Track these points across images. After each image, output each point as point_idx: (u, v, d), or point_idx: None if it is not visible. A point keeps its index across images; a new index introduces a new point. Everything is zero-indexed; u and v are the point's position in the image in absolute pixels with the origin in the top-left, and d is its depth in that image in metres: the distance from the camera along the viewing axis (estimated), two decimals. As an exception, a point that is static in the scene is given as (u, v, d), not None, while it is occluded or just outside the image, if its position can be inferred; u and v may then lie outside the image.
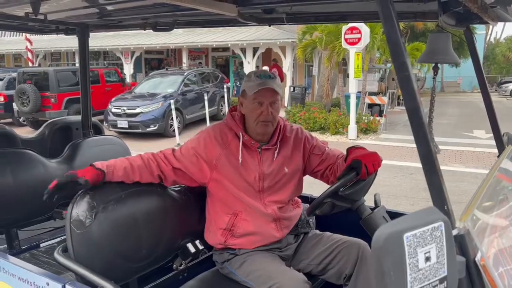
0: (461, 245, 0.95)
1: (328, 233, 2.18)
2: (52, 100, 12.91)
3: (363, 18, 2.39)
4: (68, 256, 1.69)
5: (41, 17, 2.58)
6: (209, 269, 2.19)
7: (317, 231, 2.23)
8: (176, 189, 2.14)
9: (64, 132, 3.31)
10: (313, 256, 2.10)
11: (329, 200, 1.85)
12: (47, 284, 1.56)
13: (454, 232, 0.94)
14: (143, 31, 3.05)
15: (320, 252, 2.09)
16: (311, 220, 2.22)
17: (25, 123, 13.62)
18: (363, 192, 1.91)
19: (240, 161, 2.00)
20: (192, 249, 2.11)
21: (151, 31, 2.99)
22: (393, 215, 1.91)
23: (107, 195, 1.80)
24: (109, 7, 2.62)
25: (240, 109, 2.09)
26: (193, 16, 2.66)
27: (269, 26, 2.65)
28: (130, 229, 1.85)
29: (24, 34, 18.08)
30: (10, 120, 14.13)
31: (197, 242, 2.14)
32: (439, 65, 2.25)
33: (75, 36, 3.18)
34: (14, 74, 14.06)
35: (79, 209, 1.71)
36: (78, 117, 3.28)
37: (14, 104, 13.25)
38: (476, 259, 0.97)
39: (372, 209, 1.87)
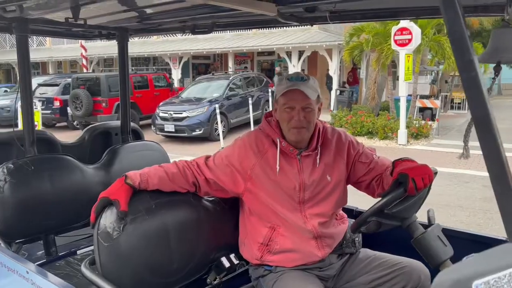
0: (546, 291, 0.75)
1: (381, 253, 1.98)
2: (103, 104, 13.39)
3: (416, 14, 2.17)
4: (95, 269, 1.62)
5: (81, 22, 2.57)
6: (245, 284, 2.06)
7: (368, 250, 2.03)
8: (210, 199, 2.03)
9: (103, 137, 3.32)
10: (362, 278, 1.92)
11: (374, 219, 1.66)
12: (72, 299, 1.49)
13: (537, 274, 0.74)
14: (190, 36, 2.99)
15: (371, 274, 1.90)
16: (357, 239, 2.02)
17: (78, 126, 14.21)
18: (414, 209, 1.70)
19: (277, 170, 1.86)
20: (226, 263, 1.98)
21: (198, 36, 2.93)
22: (450, 233, 1.70)
23: (137, 205, 1.71)
24: (148, 10, 2.58)
25: (275, 114, 1.95)
26: (232, 17, 2.56)
27: (311, 25, 2.49)
28: (161, 242, 1.76)
29: (79, 41, 18.93)
30: (65, 123, 14.80)
31: (232, 256, 2.02)
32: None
33: (112, 40, 3.18)
34: (69, 80, 14.71)
35: (107, 220, 1.63)
36: (118, 122, 3.27)
37: (68, 108, 13.85)
38: None
39: (425, 227, 1.66)
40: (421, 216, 1.75)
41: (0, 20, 2.38)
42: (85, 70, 20.47)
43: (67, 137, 3.73)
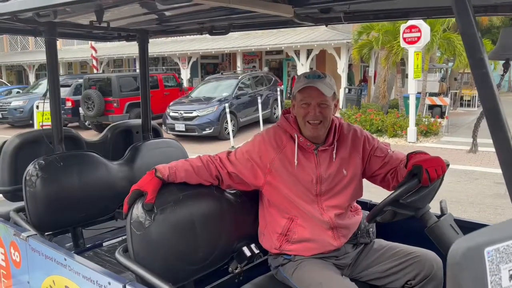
0: (550, 261, 0.85)
1: (395, 244, 2.08)
2: (115, 104, 13.54)
3: (427, 14, 2.25)
4: (128, 256, 1.74)
5: (104, 24, 2.69)
6: (264, 273, 2.16)
7: (382, 241, 2.13)
8: (232, 192, 2.14)
9: (125, 135, 3.44)
10: (377, 267, 2.01)
11: (389, 209, 1.76)
12: (109, 283, 1.60)
13: (542, 246, 0.83)
14: (199, 36, 3.09)
15: (386, 264, 1.99)
16: (371, 229, 2.11)
17: (90, 126, 14.40)
18: (427, 199, 1.79)
19: (295, 164, 1.96)
20: (247, 252, 2.09)
21: (207, 36, 3.02)
22: (461, 223, 1.79)
23: (166, 196, 1.82)
24: (167, 13, 2.68)
25: (292, 111, 2.05)
26: (248, 18, 2.65)
27: (326, 26, 2.58)
28: (188, 231, 1.87)
29: (89, 42, 19.17)
30: (77, 124, 15.01)
31: (252, 245, 2.12)
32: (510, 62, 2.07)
33: (135, 42, 3.29)
34: (81, 81, 14.92)
35: (139, 211, 1.74)
36: (138, 121, 3.39)
37: (80, 108, 14.05)
38: None
39: (438, 217, 1.75)
40: (433, 209, 1.84)
41: (29, 24, 2.50)
42: (95, 71, 20.71)
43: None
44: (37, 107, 7.87)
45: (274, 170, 1.97)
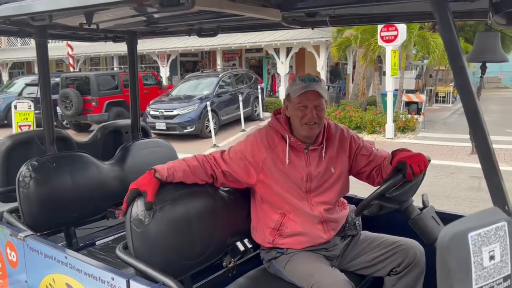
0: (523, 244, 0.96)
1: (380, 234, 2.20)
2: (93, 103, 13.37)
3: (409, 19, 2.38)
4: (129, 253, 1.80)
5: (94, 26, 2.72)
6: (257, 267, 2.25)
7: (368, 232, 2.25)
8: (225, 189, 2.22)
9: (114, 136, 3.48)
10: (364, 257, 2.13)
11: (376, 202, 1.87)
12: (112, 279, 1.66)
13: (516, 231, 0.95)
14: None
15: (372, 253, 2.11)
16: (357, 222, 2.24)
17: (68, 126, 14.17)
18: (411, 193, 1.92)
19: (287, 163, 2.05)
20: (241, 247, 2.17)
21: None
22: (442, 215, 1.91)
23: (164, 195, 1.89)
24: (157, 15, 2.73)
25: (285, 112, 2.14)
26: (237, 21, 2.72)
27: (312, 29, 2.68)
28: (184, 228, 1.94)
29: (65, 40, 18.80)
30: (54, 123, 14.73)
31: (245, 240, 2.21)
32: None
33: (118, 42, 3.32)
34: (58, 79, 14.65)
35: (139, 209, 1.81)
36: (128, 121, 3.43)
37: (58, 108, 13.81)
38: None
39: (421, 210, 1.88)
40: (416, 202, 1.96)
41: (20, 26, 2.51)
42: (72, 69, 20.34)
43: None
44: (15, 107, 7.74)
45: (266, 169, 2.06)
